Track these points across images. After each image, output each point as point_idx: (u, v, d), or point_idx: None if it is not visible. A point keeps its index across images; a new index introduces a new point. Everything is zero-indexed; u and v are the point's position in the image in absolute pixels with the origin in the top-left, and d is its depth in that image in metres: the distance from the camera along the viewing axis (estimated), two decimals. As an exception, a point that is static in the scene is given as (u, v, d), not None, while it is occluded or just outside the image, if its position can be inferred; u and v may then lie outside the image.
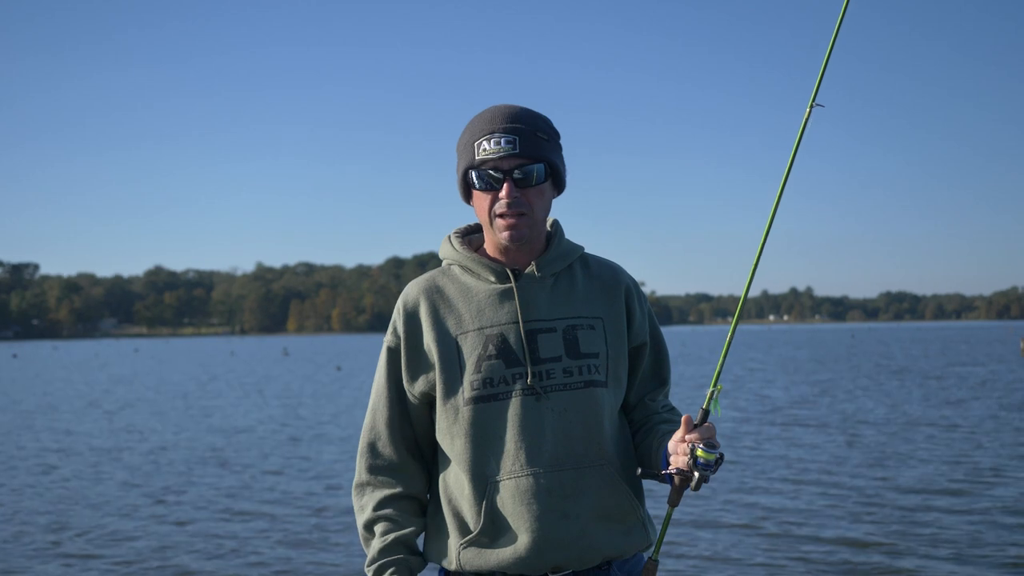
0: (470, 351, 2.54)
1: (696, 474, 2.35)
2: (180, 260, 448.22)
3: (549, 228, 2.69)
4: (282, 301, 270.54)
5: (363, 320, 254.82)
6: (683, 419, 2.40)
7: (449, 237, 2.72)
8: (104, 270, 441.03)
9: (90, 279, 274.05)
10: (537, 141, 2.53)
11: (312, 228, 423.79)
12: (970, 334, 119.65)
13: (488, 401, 2.51)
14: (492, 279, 2.60)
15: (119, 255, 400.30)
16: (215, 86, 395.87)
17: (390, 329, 2.65)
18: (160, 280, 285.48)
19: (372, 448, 2.65)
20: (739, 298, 2.44)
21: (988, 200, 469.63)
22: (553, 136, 2.59)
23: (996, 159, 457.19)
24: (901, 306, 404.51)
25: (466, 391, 2.52)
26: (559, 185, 2.63)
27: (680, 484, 2.42)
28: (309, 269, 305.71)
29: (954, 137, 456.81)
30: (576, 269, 2.67)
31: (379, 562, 2.56)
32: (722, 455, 2.37)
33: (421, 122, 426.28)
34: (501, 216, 2.53)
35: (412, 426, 2.65)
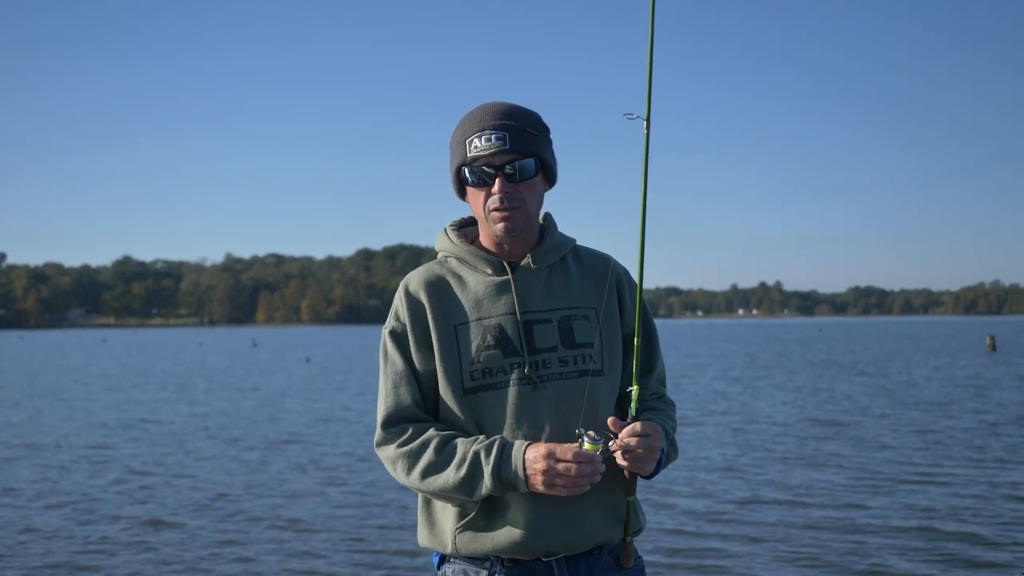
0: (469, 341, 2.60)
1: None
2: (149, 250, 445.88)
3: (542, 221, 2.76)
4: (251, 292, 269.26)
5: (333, 312, 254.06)
6: (609, 421, 2.51)
7: (445, 230, 2.78)
8: (72, 260, 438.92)
9: (57, 269, 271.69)
10: (527, 136, 2.60)
11: (282, 219, 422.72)
12: (935, 329, 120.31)
13: (487, 390, 2.58)
14: (489, 271, 2.67)
15: (87, 245, 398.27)
16: (185, 80, 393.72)
17: (391, 316, 2.70)
18: (128, 270, 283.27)
19: (401, 416, 2.64)
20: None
21: (956, 197, 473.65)
22: (543, 131, 2.66)
23: (966, 157, 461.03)
24: (869, 301, 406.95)
25: (465, 380, 2.59)
26: (550, 179, 2.70)
27: (627, 475, 2.57)
28: (279, 260, 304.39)
29: (924, 135, 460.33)
30: (569, 261, 2.74)
31: (492, 456, 2.51)
32: (607, 448, 2.47)
33: (392, 115, 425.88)
34: (495, 210, 2.59)
35: (426, 400, 2.66)
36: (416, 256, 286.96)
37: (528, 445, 2.48)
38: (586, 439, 2.44)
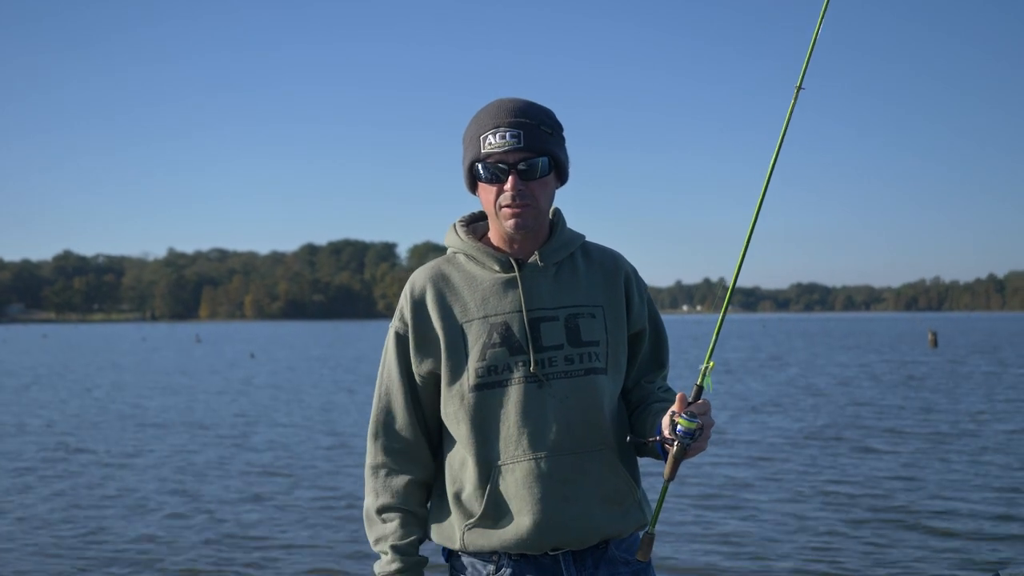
0: (475, 339, 2.62)
1: (676, 442, 2.46)
2: (90, 245, 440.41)
3: (551, 217, 2.77)
4: (194, 287, 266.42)
5: (277, 307, 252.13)
6: (678, 396, 2.49)
7: (455, 226, 2.80)
8: (11, 254, 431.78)
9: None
10: (541, 135, 2.61)
11: (225, 213, 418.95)
12: (877, 326, 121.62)
13: (491, 387, 2.59)
14: (497, 268, 2.68)
15: (27, 239, 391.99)
16: (127, 76, 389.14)
17: (397, 315, 2.73)
18: (69, 265, 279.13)
19: (388, 429, 2.72)
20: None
21: (896, 193, 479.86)
22: (556, 129, 2.67)
23: (906, 156, 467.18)
24: (811, 297, 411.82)
25: (470, 377, 2.60)
26: (562, 177, 2.72)
27: (671, 456, 2.49)
28: (222, 255, 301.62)
29: (864, 132, 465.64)
30: (577, 258, 2.75)
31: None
32: (702, 425, 2.45)
33: (336, 110, 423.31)
34: (507, 207, 2.61)
35: (423, 408, 2.72)
36: (361, 252, 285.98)
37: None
38: (684, 416, 2.44)
